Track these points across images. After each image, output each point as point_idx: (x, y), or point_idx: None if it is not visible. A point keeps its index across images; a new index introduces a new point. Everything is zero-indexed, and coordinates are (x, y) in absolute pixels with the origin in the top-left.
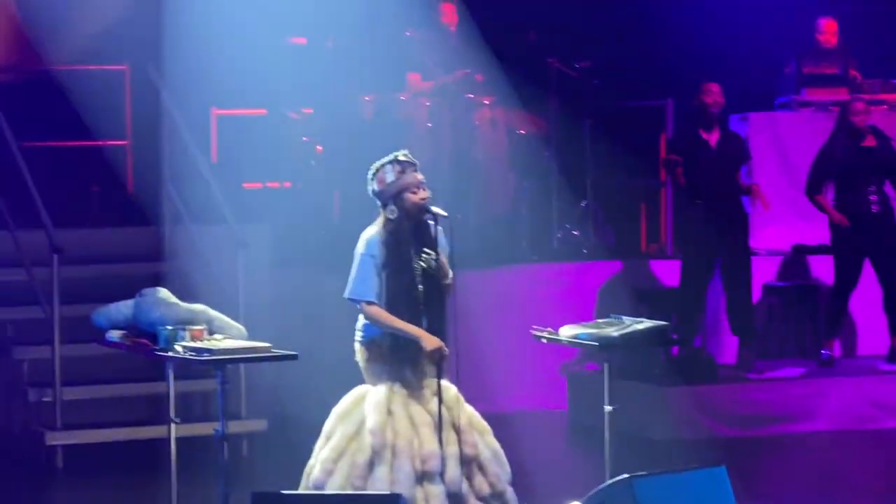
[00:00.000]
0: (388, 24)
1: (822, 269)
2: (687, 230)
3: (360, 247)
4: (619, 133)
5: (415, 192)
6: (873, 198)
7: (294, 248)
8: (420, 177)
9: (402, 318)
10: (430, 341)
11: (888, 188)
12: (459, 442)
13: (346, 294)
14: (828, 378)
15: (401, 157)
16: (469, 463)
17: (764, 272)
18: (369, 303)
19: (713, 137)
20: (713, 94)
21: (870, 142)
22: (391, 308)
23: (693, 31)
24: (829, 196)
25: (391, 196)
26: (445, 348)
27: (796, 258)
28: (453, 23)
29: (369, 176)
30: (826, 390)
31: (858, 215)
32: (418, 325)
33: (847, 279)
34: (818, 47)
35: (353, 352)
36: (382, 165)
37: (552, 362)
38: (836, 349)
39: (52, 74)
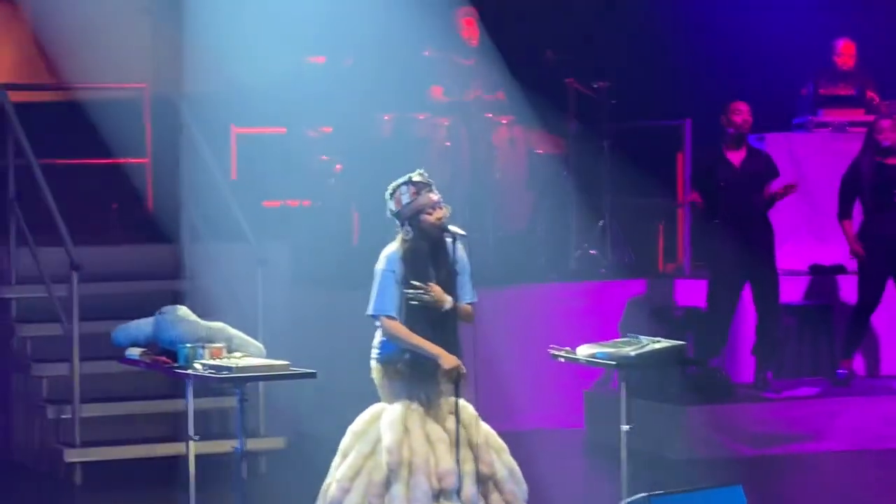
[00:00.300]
0: (406, 43)
1: (839, 289)
2: (713, 251)
3: (380, 263)
4: (637, 152)
5: (430, 213)
6: None
7: (313, 266)
8: (436, 196)
9: (419, 336)
10: (447, 359)
11: None
12: (476, 460)
13: (368, 311)
14: (844, 397)
15: (415, 178)
16: (485, 482)
17: (780, 292)
18: (389, 317)
19: (738, 157)
20: (742, 113)
21: (894, 160)
22: (408, 325)
23: (711, 51)
24: (856, 219)
25: (407, 217)
26: (463, 366)
27: (813, 278)
28: (474, 37)
29: (386, 196)
30: (843, 410)
31: (882, 234)
32: (436, 342)
33: (869, 298)
34: (835, 69)
35: (370, 370)
36: (398, 186)
37: (570, 381)
38: (860, 368)
39: (72, 92)
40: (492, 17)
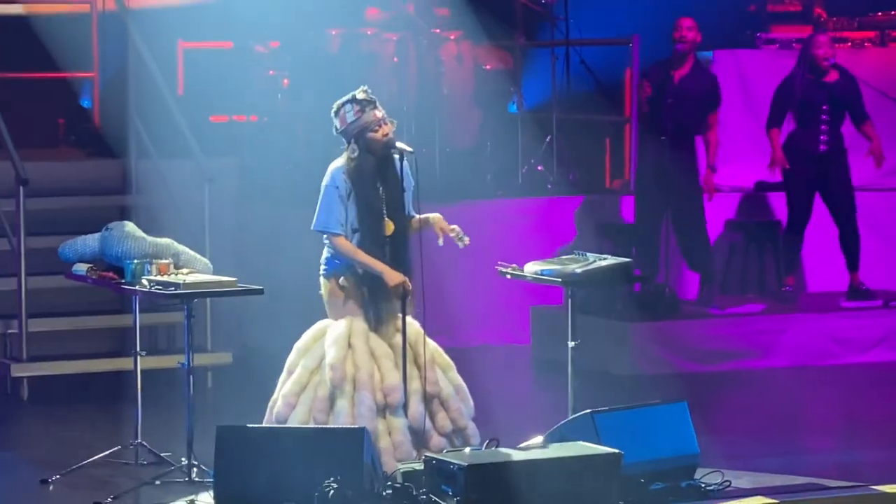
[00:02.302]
0: None
1: (784, 206)
2: (642, 166)
3: (326, 179)
4: (585, 68)
5: (376, 131)
6: (823, 137)
7: (260, 182)
8: (380, 113)
9: (366, 251)
10: (392, 276)
11: (846, 126)
12: (422, 378)
13: (313, 226)
14: (788, 314)
15: (359, 96)
16: (431, 400)
17: (726, 208)
18: (335, 234)
19: (678, 74)
20: (681, 29)
21: (831, 77)
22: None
23: None
24: (784, 131)
25: (353, 135)
26: (409, 283)
27: (758, 195)
28: None
29: (332, 114)
30: (786, 326)
31: (807, 151)
32: (382, 258)
33: (798, 214)
34: None
35: (318, 286)
36: (342, 105)
37: (516, 297)
38: (804, 285)
39: (18, 6)
40: None
